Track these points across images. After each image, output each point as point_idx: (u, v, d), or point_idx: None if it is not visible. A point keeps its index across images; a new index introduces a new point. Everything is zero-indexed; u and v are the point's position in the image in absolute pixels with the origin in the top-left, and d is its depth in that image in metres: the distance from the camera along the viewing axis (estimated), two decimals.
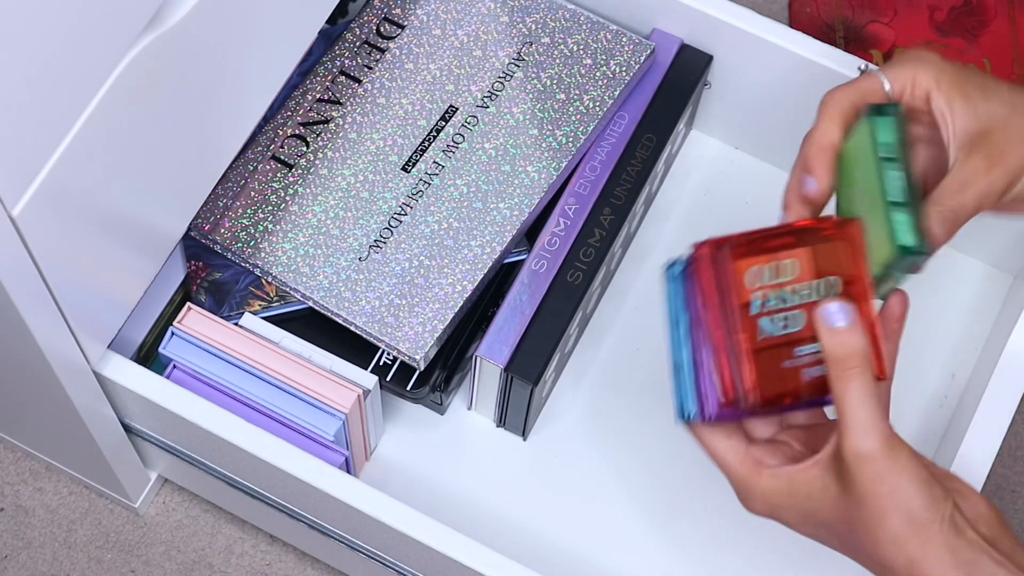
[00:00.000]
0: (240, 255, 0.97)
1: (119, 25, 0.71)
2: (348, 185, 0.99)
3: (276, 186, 0.99)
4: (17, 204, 0.70)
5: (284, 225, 0.98)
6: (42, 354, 0.80)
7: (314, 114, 1.01)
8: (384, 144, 1.00)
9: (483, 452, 1.04)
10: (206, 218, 0.98)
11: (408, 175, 0.99)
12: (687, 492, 1.02)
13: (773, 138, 1.09)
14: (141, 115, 0.76)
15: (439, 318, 0.95)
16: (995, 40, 1.24)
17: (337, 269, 0.96)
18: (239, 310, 0.97)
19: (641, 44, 1.03)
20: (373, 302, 0.96)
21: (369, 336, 0.95)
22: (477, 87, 1.02)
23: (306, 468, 0.88)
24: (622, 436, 1.04)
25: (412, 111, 1.02)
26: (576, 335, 1.03)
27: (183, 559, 1.07)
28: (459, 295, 0.96)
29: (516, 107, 1.02)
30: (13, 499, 1.09)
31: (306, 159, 1.00)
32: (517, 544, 0.98)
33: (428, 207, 0.98)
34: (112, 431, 0.95)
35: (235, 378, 0.92)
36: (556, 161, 1.00)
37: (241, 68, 0.85)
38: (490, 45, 1.04)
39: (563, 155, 1.00)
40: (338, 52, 1.04)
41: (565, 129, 1.01)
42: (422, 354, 0.94)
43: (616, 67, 1.03)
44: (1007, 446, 1.12)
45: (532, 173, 1.00)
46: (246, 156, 1.00)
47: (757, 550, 1.01)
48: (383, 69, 1.03)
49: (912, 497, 0.71)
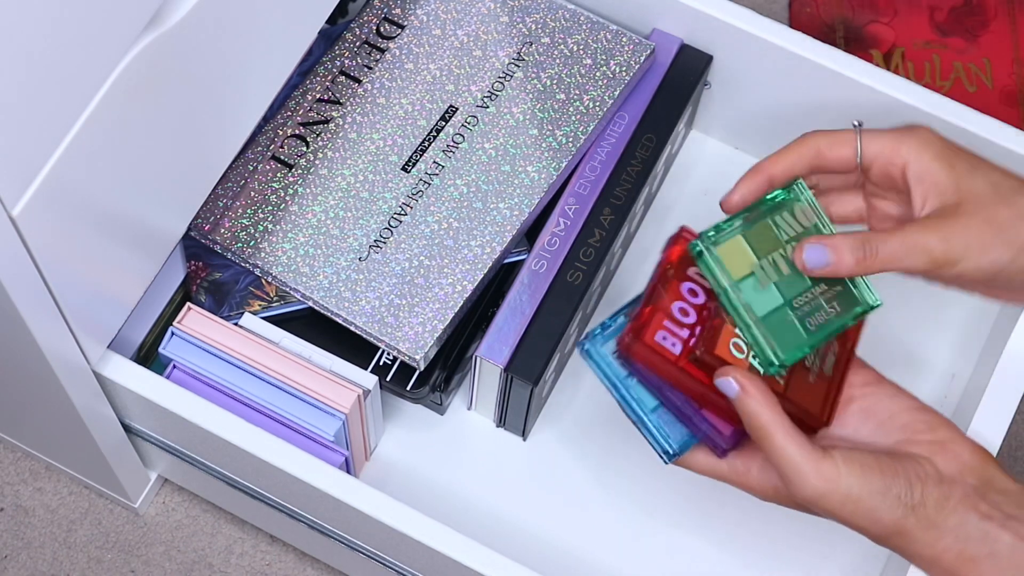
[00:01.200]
0: (240, 255, 0.97)
1: (119, 25, 0.71)
2: (348, 185, 0.99)
3: (276, 186, 0.99)
4: (17, 204, 0.70)
5: (284, 225, 0.98)
6: (42, 354, 0.80)
7: (314, 114, 1.01)
8: (384, 144, 1.00)
9: (483, 452, 1.04)
10: (206, 218, 0.98)
11: (408, 175, 0.99)
12: (687, 492, 1.02)
13: (773, 138, 1.09)
14: (141, 115, 0.76)
15: (439, 318, 0.95)
16: (995, 40, 1.24)
17: (337, 269, 0.96)
18: (239, 310, 0.97)
19: (641, 44, 1.03)
20: (373, 302, 0.96)
21: (369, 336, 0.95)
22: (477, 87, 1.02)
23: (306, 468, 0.88)
24: (622, 436, 1.04)
25: (412, 111, 1.02)
26: (576, 335, 1.03)
27: (183, 559, 1.07)
28: (459, 295, 0.96)
29: (516, 107, 1.02)
30: (13, 499, 1.09)
31: (306, 159, 1.00)
32: (517, 544, 0.98)
33: (428, 207, 0.98)
34: (112, 431, 0.95)
35: (235, 378, 0.92)
36: (556, 161, 1.00)
37: (241, 68, 0.85)
38: (490, 45, 1.04)
39: (563, 155, 1.00)
40: (338, 52, 1.04)
41: (565, 129, 1.01)
42: (422, 354, 0.94)
43: (616, 67, 1.03)
44: (1007, 446, 1.12)
45: (532, 173, 1.00)
46: (246, 156, 1.00)
47: (757, 550, 1.01)
48: (383, 69, 1.03)
49: (872, 509, 0.75)
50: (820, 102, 1.02)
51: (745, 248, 0.79)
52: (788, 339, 0.78)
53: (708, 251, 0.78)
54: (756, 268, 0.78)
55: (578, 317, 0.99)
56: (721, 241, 0.79)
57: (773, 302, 0.78)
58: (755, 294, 0.78)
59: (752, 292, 0.78)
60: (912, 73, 1.22)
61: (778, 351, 0.78)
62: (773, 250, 0.79)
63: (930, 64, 1.23)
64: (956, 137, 0.97)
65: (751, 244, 0.79)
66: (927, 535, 0.74)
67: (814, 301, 0.79)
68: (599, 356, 0.82)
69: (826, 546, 1.01)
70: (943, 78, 1.22)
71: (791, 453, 0.75)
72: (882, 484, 0.74)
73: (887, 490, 0.74)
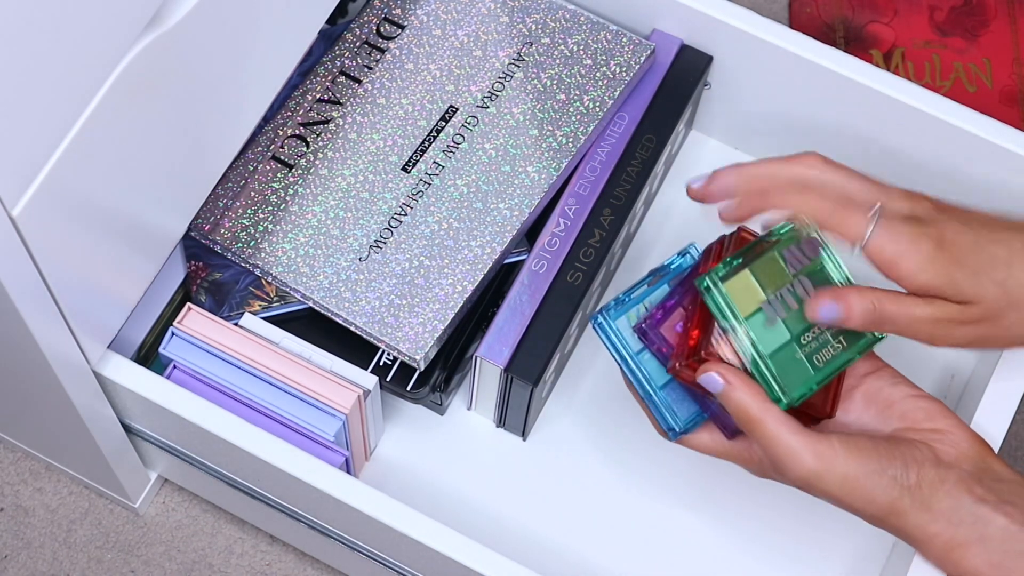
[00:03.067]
0: (240, 255, 0.97)
1: (119, 25, 0.71)
2: (348, 185, 0.99)
3: (276, 186, 0.99)
4: (17, 204, 0.70)
5: (284, 225, 0.98)
6: (42, 354, 0.80)
7: (314, 114, 1.01)
8: (384, 144, 1.00)
9: (483, 452, 1.04)
10: (206, 218, 0.98)
11: (408, 175, 0.99)
12: (687, 492, 1.02)
13: (773, 138, 1.09)
14: (141, 115, 0.76)
15: (439, 318, 0.95)
16: (995, 40, 1.24)
17: (337, 269, 0.96)
18: (239, 310, 0.97)
19: (641, 44, 1.03)
20: (373, 302, 0.96)
21: (369, 336, 0.95)
22: (477, 87, 1.02)
23: (306, 468, 0.88)
24: (622, 436, 1.04)
25: (412, 111, 1.02)
26: (576, 335, 1.03)
27: (183, 559, 1.07)
28: (459, 295, 0.96)
29: (516, 107, 1.02)
30: (13, 499, 1.09)
31: (306, 159, 1.00)
32: (517, 544, 0.98)
33: (428, 207, 0.98)
34: (112, 431, 0.95)
35: (235, 378, 0.92)
36: (556, 161, 1.00)
37: (241, 68, 0.85)
38: (490, 45, 1.04)
39: (563, 155, 1.00)
40: (338, 52, 1.04)
41: (565, 129, 1.01)
42: (422, 354, 0.94)
43: (616, 67, 1.03)
44: (1007, 446, 1.12)
45: (532, 173, 1.00)
46: (246, 156, 1.00)
47: (758, 552, 1.01)
48: (383, 69, 1.03)
49: (868, 489, 0.75)
50: (820, 102, 1.02)
51: (753, 283, 0.79)
52: (795, 377, 0.78)
53: (716, 286, 0.78)
54: (764, 305, 0.78)
55: (578, 317, 0.99)
56: (729, 276, 0.78)
57: (780, 338, 0.78)
58: (763, 331, 0.78)
59: (760, 329, 0.78)
60: (912, 73, 1.22)
61: (786, 389, 0.78)
62: (781, 285, 0.79)
63: (930, 64, 1.23)
64: (956, 137, 0.98)
65: (758, 279, 0.79)
66: (920, 517, 0.75)
67: (821, 336, 0.79)
68: (612, 330, 0.83)
69: (827, 545, 1.01)
70: (943, 78, 1.22)
71: (785, 438, 0.76)
72: (878, 465, 0.75)
73: (883, 471, 0.75)
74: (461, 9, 1.05)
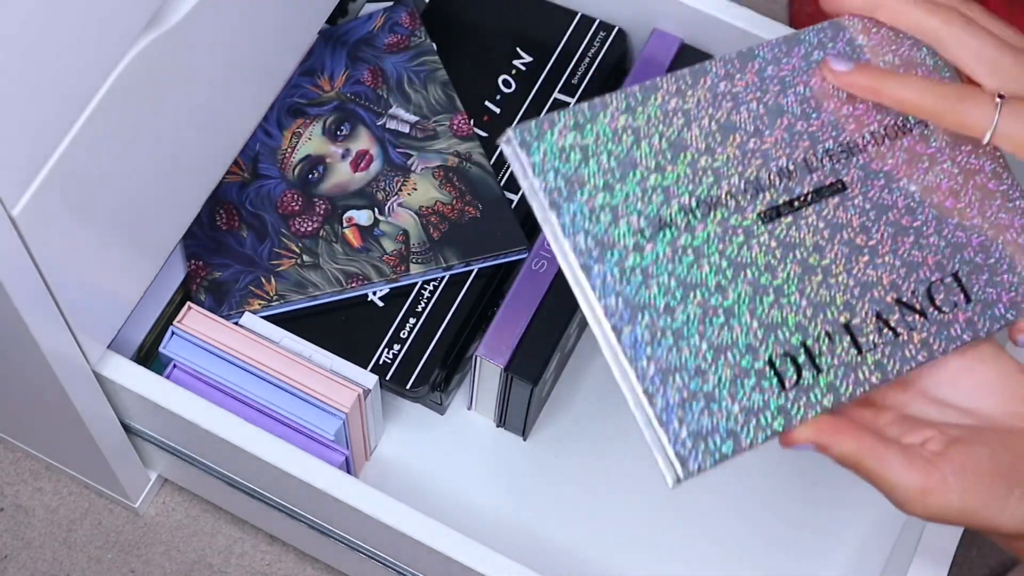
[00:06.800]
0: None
1: (119, 25, 0.71)
2: None
3: None
4: (17, 204, 0.70)
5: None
6: (42, 354, 0.80)
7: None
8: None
9: (483, 452, 1.04)
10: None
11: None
12: (688, 492, 1.02)
13: None
14: (141, 115, 0.76)
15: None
16: None
17: None
18: (239, 309, 0.97)
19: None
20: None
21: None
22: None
23: (306, 468, 0.88)
24: (622, 436, 1.04)
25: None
26: (576, 335, 1.03)
27: (183, 559, 1.07)
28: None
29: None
30: (13, 499, 1.09)
31: None
32: (517, 544, 0.98)
33: None
34: (112, 431, 0.95)
35: (235, 377, 0.92)
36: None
37: (241, 68, 0.85)
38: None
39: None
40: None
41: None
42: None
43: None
44: None
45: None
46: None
47: (759, 550, 1.01)
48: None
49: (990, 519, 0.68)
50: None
51: None
52: None
53: None
54: None
55: (578, 317, 0.99)
56: None
57: None
58: None
59: None
60: None
61: None
62: None
63: None
64: None
65: None
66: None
67: None
68: None
69: (828, 544, 1.01)
70: None
71: (894, 482, 0.67)
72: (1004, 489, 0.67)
73: (1008, 494, 0.67)
74: None
